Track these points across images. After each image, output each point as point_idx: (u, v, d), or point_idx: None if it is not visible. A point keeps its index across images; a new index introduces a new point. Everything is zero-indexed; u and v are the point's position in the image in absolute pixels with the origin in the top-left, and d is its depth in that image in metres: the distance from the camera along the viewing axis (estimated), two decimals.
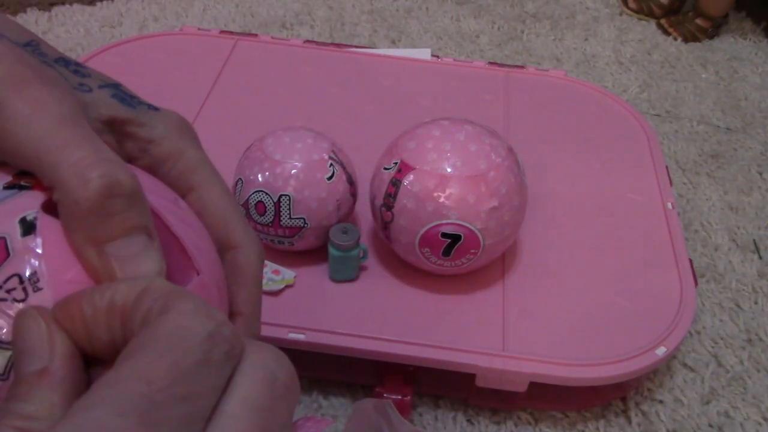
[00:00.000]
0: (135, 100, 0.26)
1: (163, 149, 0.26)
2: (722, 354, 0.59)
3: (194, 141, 0.27)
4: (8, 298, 0.20)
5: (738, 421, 0.54)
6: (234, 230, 0.27)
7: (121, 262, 0.21)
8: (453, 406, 0.54)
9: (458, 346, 0.49)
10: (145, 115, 0.26)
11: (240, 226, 0.27)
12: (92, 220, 0.21)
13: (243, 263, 0.27)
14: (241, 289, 0.27)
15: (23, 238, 0.21)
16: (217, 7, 1.00)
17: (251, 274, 0.27)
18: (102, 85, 0.26)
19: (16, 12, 0.94)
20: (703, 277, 0.66)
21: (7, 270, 0.20)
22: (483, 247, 0.50)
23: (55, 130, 0.21)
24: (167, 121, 0.27)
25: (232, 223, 0.27)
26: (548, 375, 0.49)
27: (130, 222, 0.21)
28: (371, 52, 0.79)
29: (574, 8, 1.07)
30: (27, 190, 0.22)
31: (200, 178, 0.27)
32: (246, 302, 0.27)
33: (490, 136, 0.51)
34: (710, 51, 1.00)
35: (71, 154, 0.21)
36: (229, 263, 0.27)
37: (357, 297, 0.53)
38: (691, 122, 0.86)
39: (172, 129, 0.27)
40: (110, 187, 0.21)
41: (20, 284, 0.20)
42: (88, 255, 0.21)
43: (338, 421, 0.52)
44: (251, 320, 0.27)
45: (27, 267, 0.21)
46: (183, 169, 0.26)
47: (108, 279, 0.21)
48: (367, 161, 0.55)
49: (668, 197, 0.63)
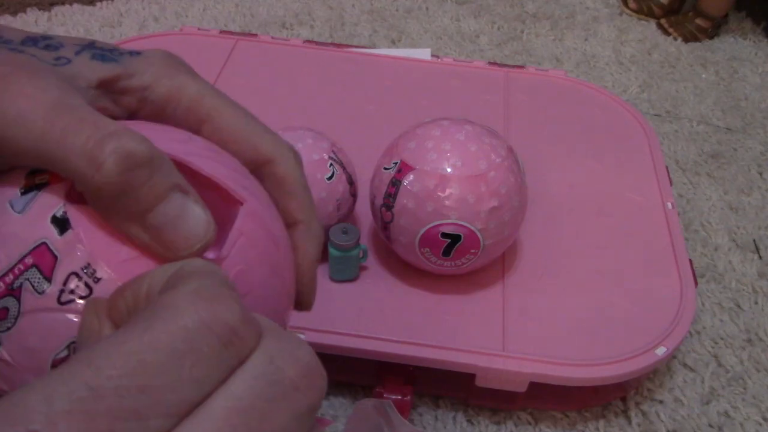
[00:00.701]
0: (115, 53, 0.25)
1: (161, 91, 0.25)
2: (722, 354, 0.59)
3: (189, 72, 0.26)
4: (74, 298, 0.20)
5: (738, 421, 0.54)
6: (260, 145, 0.26)
7: (167, 228, 0.20)
8: (453, 406, 0.54)
9: (458, 346, 0.49)
10: (131, 64, 0.25)
11: (265, 138, 0.26)
12: (122, 199, 0.20)
13: (282, 173, 0.26)
14: (290, 199, 0.26)
15: (62, 236, 0.21)
16: (217, 7, 1.00)
17: (295, 181, 0.26)
18: (78, 50, 0.24)
19: (16, 12, 0.94)
20: (703, 277, 0.66)
21: (62, 272, 0.20)
22: (483, 247, 0.50)
23: (49, 122, 0.20)
24: (155, 61, 0.25)
25: (256, 139, 0.26)
26: (548, 375, 0.49)
27: (160, 186, 0.20)
28: (371, 52, 0.79)
29: (574, 8, 1.07)
30: (45, 187, 0.22)
31: (208, 107, 0.25)
32: (299, 209, 0.26)
33: (490, 136, 0.51)
34: (710, 51, 1.00)
35: (74, 141, 0.20)
36: (269, 178, 0.26)
37: (357, 297, 0.53)
38: (691, 122, 0.86)
39: (163, 68, 0.25)
40: (126, 160, 0.20)
41: (79, 280, 0.20)
42: (133, 233, 0.20)
43: (338, 421, 0.52)
44: (310, 226, 0.26)
45: (78, 262, 0.20)
46: (188, 105, 0.25)
47: (163, 249, 0.20)
48: (367, 161, 0.55)
49: (668, 197, 0.63)
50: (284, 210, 0.26)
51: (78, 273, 0.20)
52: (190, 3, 1.00)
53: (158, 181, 0.20)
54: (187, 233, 0.20)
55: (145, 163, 0.20)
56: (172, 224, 0.20)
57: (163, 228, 0.20)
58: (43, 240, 0.20)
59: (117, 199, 0.20)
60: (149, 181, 0.20)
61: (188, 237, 0.21)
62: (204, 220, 0.21)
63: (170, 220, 0.20)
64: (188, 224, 0.21)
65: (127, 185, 0.20)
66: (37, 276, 0.20)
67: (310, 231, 0.26)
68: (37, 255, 0.20)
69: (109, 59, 0.24)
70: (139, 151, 0.20)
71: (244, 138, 0.25)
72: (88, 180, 0.20)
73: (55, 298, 0.20)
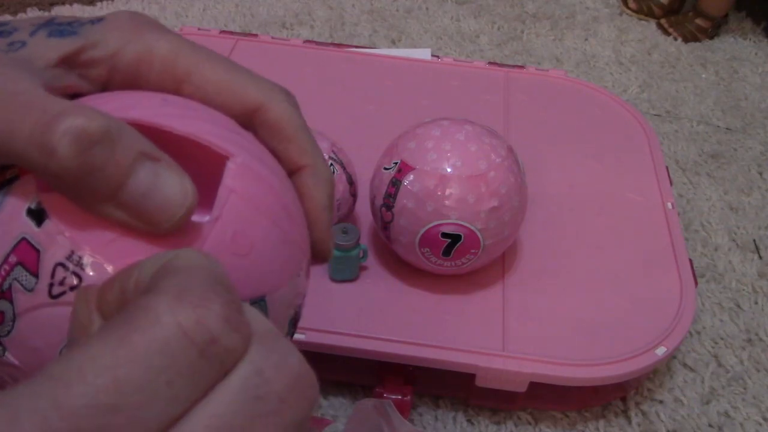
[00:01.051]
0: (75, 25, 0.23)
1: (130, 56, 0.23)
2: (722, 354, 0.59)
3: (159, 30, 0.24)
4: (64, 289, 0.19)
5: (738, 421, 0.54)
6: (246, 92, 0.24)
7: (142, 202, 0.19)
8: (453, 406, 0.54)
9: (458, 346, 0.49)
10: (92, 34, 0.23)
11: (251, 84, 0.24)
12: (88, 181, 0.18)
13: (275, 117, 0.24)
14: (288, 144, 0.24)
15: (40, 228, 0.20)
16: (217, 7, 1.00)
17: (290, 124, 0.24)
18: (33, 30, 0.22)
19: (16, 12, 0.94)
20: (703, 277, 0.66)
21: (47, 265, 0.19)
22: (483, 247, 0.50)
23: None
24: (119, 25, 0.23)
25: (241, 87, 0.24)
26: (548, 375, 0.49)
27: (124, 159, 0.18)
28: (371, 52, 0.79)
29: (574, 8, 1.07)
30: (15, 181, 0.21)
31: (184, 66, 0.23)
32: (300, 153, 0.24)
33: (490, 136, 0.51)
34: (710, 51, 1.00)
35: (21, 130, 0.18)
36: (262, 126, 0.24)
37: (357, 297, 0.53)
38: (691, 122, 0.86)
39: (128, 30, 0.23)
40: (79, 140, 0.18)
41: (66, 270, 0.19)
42: (109, 213, 0.19)
43: (338, 421, 0.52)
44: (316, 168, 0.24)
45: (62, 252, 0.19)
46: (161, 66, 0.23)
47: (144, 224, 0.19)
48: (367, 161, 0.55)
49: (668, 197, 0.63)
50: (285, 158, 0.24)
51: (63, 263, 0.19)
52: (190, 3, 1.00)
53: (121, 154, 0.18)
54: (164, 203, 0.19)
55: (102, 139, 0.18)
56: (147, 197, 0.19)
57: (139, 203, 0.19)
58: (22, 235, 0.20)
59: (82, 182, 0.18)
60: (111, 156, 0.18)
61: (166, 207, 0.19)
62: (180, 186, 0.19)
63: (144, 193, 0.19)
64: (164, 193, 0.19)
65: (87, 166, 0.18)
66: (23, 274, 0.20)
67: (317, 174, 0.24)
68: (19, 252, 0.20)
69: (68, 33, 0.22)
70: (92, 127, 0.18)
71: (227, 89, 0.23)
72: (44, 169, 0.18)
73: (45, 293, 0.19)
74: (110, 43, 0.23)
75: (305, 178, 0.24)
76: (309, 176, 0.24)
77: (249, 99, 0.24)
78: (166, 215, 0.19)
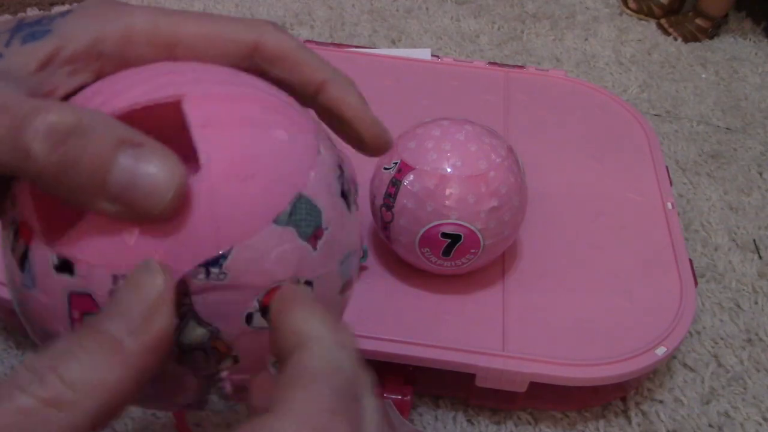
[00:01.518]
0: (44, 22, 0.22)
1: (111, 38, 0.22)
2: (722, 354, 0.59)
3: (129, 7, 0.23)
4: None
5: (738, 421, 0.54)
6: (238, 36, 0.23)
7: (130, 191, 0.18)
8: (453, 406, 0.54)
9: (458, 346, 0.49)
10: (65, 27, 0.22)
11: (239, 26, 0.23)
12: (70, 177, 0.18)
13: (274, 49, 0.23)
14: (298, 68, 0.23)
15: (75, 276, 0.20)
16: (217, 7, 1.00)
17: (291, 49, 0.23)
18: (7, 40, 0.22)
19: (16, 12, 0.94)
20: (703, 277, 0.66)
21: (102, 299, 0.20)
22: (483, 247, 0.50)
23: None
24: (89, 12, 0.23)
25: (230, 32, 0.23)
26: (548, 375, 0.49)
27: (103, 149, 0.18)
28: (371, 52, 0.79)
29: (574, 8, 1.07)
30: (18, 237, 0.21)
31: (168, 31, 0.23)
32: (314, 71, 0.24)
33: (490, 136, 0.51)
34: (710, 51, 1.00)
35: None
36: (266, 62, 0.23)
37: (357, 297, 0.53)
38: (691, 122, 0.86)
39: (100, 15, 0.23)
40: (51, 136, 0.18)
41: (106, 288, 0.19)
42: (105, 208, 0.19)
43: None
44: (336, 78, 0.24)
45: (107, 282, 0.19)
46: (146, 38, 0.23)
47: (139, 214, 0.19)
48: (367, 161, 0.55)
49: (668, 197, 0.63)
50: (301, 82, 0.24)
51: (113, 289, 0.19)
52: (190, 3, 1.00)
53: (97, 144, 0.18)
54: (152, 188, 0.18)
55: (75, 130, 0.18)
56: (134, 185, 0.18)
57: (126, 192, 0.18)
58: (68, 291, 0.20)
59: (64, 178, 0.18)
60: (88, 147, 0.18)
61: (156, 192, 0.18)
62: (165, 167, 0.18)
63: (130, 181, 0.18)
64: (151, 178, 0.18)
65: (65, 161, 0.18)
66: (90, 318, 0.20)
67: (339, 82, 0.24)
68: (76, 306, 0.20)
69: (41, 34, 0.22)
70: (63, 122, 0.18)
71: (218, 39, 0.23)
72: (24, 171, 0.18)
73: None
74: (87, 33, 0.22)
75: (330, 91, 0.24)
76: (333, 88, 0.24)
77: (242, 41, 0.23)
78: (156, 200, 0.18)
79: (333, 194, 0.23)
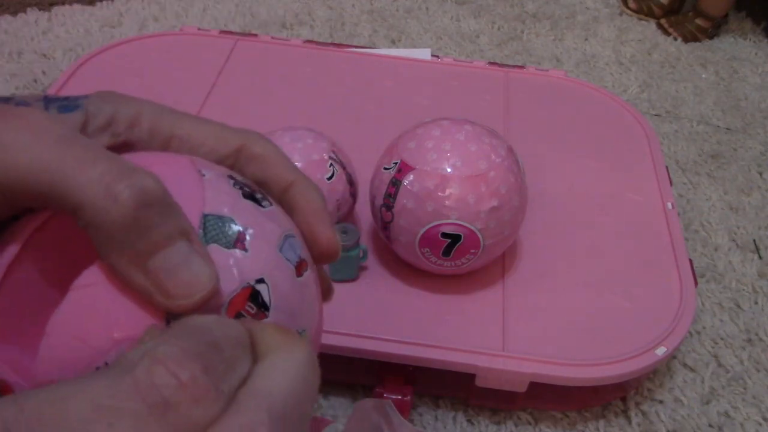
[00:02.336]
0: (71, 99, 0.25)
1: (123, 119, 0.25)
2: (722, 354, 0.59)
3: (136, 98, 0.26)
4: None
5: (738, 421, 0.54)
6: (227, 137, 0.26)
7: (168, 274, 0.20)
8: (453, 406, 0.54)
9: (458, 346, 0.49)
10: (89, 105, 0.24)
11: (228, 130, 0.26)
12: (131, 237, 0.19)
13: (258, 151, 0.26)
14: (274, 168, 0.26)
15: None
16: (217, 7, 1.00)
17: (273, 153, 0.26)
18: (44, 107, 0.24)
19: (16, 12, 0.94)
20: (703, 277, 0.66)
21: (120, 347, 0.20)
22: (483, 247, 0.50)
23: (60, 152, 0.19)
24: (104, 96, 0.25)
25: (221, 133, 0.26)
26: (548, 375, 0.49)
27: (170, 230, 0.20)
28: (371, 52, 0.79)
29: (574, 8, 1.07)
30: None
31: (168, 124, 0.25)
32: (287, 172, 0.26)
33: (490, 136, 0.51)
34: (710, 51, 1.00)
35: (90, 170, 0.19)
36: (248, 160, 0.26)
37: (357, 297, 0.53)
38: (691, 122, 0.86)
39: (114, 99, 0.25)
40: (141, 196, 0.19)
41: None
42: (132, 275, 0.20)
43: (338, 421, 0.52)
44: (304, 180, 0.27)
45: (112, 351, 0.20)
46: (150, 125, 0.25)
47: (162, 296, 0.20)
48: (367, 161, 0.55)
49: (668, 197, 0.63)
50: (274, 180, 0.27)
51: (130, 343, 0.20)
52: (190, 3, 1.00)
53: (170, 224, 0.20)
54: (188, 281, 0.20)
55: (160, 203, 0.20)
56: (174, 271, 0.20)
57: (164, 273, 0.20)
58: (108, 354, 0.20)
59: (126, 236, 0.19)
60: (161, 222, 0.20)
61: (189, 285, 0.20)
62: (207, 272, 0.20)
63: (172, 267, 0.20)
64: (190, 272, 0.20)
65: (140, 222, 0.19)
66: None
67: (305, 184, 0.27)
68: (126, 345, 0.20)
69: (72, 107, 0.24)
70: (154, 189, 0.20)
71: (211, 137, 0.26)
72: (102, 212, 0.19)
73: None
74: (106, 112, 0.25)
75: (296, 189, 0.27)
76: (299, 188, 0.27)
77: (231, 142, 0.26)
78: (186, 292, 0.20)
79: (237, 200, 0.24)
